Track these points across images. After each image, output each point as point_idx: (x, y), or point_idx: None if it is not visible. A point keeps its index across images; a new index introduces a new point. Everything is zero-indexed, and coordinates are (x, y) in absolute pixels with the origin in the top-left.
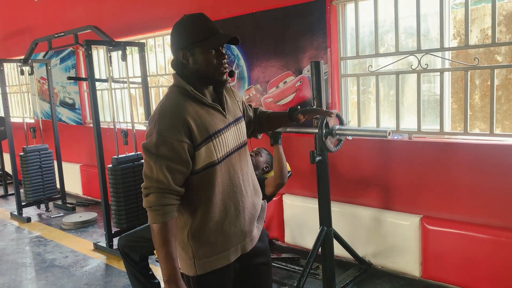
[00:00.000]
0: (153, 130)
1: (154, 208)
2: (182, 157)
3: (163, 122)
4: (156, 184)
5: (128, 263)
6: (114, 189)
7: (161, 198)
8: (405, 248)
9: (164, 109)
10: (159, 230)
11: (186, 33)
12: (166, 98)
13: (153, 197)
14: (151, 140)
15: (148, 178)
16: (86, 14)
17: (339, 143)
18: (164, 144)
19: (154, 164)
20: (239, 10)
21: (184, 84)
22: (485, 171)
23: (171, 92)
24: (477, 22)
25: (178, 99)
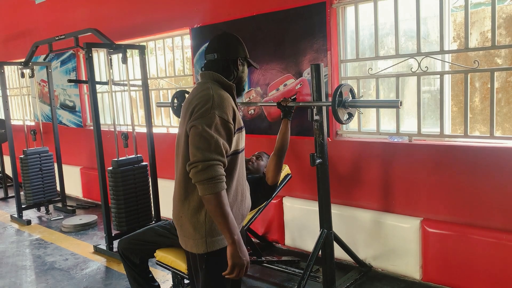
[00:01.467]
0: (210, 111)
1: (216, 178)
2: (231, 138)
3: (220, 106)
4: (216, 156)
5: (128, 266)
6: (114, 191)
7: (220, 169)
8: (405, 251)
9: (219, 95)
10: (219, 199)
11: (243, 48)
12: (213, 89)
13: (214, 169)
14: (211, 119)
15: (206, 151)
16: (87, 17)
17: (349, 117)
18: (222, 125)
19: (214, 139)
20: (240, 12)
21: (226, 81)
22: (486, 174)
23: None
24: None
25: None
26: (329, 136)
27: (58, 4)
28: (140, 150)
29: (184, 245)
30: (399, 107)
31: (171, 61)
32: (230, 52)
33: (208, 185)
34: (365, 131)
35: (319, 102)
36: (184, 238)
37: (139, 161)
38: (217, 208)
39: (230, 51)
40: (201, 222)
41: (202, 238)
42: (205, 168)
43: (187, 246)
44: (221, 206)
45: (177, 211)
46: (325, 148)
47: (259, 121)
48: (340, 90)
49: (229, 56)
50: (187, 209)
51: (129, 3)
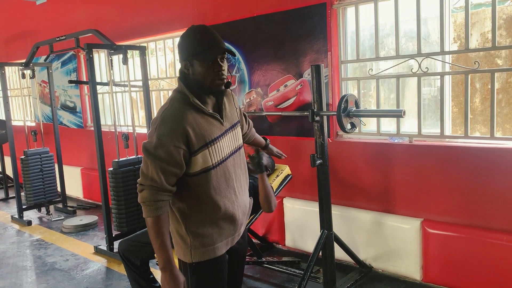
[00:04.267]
0: (154, 133)
1: (147, 203)
2: (177, 161)
3: (164, 128)
4: (150, 182)
5: (128, 268)
6: (114, 192)
7: (153, 194)
8: (406, 252)
9: (166, 115)
10: (153, 223)
11: (187, 45)
12: (169, 104)
13: (146, 193)
14: (151, 141)
15: (143, 175)
16: (87, 18)
17: (352, 127)
18: (161, 147)
19: (150, 163)
20: (240, 13)
21: (187, 92)
22: (486, 175)
23: (174, 99)
24: (477, 26)
25: (180, 107)
26: (330, 137)
27: (59, 5)
28: (141, 150)
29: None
30: (403, 117)
31: (171, 61)
32: (180, 56)
33: (144, 208)
34: (366, 131)
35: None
36: (175, 245)
37: (139, 162)
38: (150, 233)
39: (179, 55)
40: (183, 234)
41: (188, 248)
42: (140, 191)
43: (177, 253)
44: (155, 230)
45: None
46: (325, 149)
47: (260, 122)
48: (346, 98)
49: (180, 61)
50: (172, 220)
51: (129, 4)
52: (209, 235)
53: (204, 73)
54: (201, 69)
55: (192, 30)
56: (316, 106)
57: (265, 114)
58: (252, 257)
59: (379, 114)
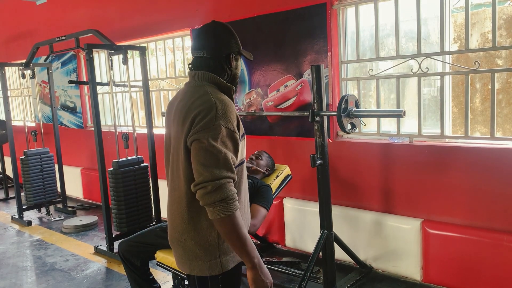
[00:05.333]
0: (215, 122)
1: (229, 198)
2: (237, 148)
3: (225, 115)
4: (226, 174)
5: (128, 268)
6: (115, 192)
7: (232, 187)
8: (406, 252)
9: (222, 102)
10: (237, 218)
11: (235, 40)
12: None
13: (225, 189)
14: (216, 131)
15: (214, 168)
16: (88, 18)
17: (352, 127)
18: (228, 136)
19: (222, 154)
20: (240, 14)
21: (224, 83)
22: (486, 175)
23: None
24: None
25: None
26: (330, 137)
27: (59, 5)
28: (141, 151)
29: (188, 269)
30: (403, 117)
31: (171, 62)
32: (221, 48)
33: (221, 207)
34: (366, 132)
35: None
36: (188, 261)
37: (139, 162)
38: (233, 231)
39: (221, 47)
40: (212, 243)
41: (216, 259)
42: (216, 189)
43: (193, 270)
44: (236, 228)
45: (179, 233)
46: (325, 149)
47: (260, 122)
48: (346, 98)
49: (220, 53)
50: (193, 231)
51: (129, 4)
52: None
53: (240, 69)
54: (240, 65)
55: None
56: (316, 106)
57: (265, 115)
58: None
59: (379, 114)
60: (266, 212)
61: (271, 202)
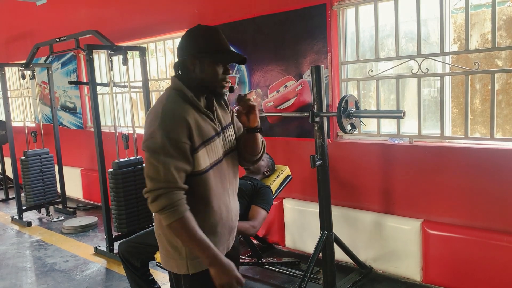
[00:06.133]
0: (157, 132)
1: (168, 208)
2: (187, 157)
3: (168, 124)
4: (165, 185)
5: (128, 269)
6: (114, 193)
7: (171, 196)
8: (406, 253)
9: (167, 110)
10: (182, 225)
11: (200, 42)
12: (166, 100)
13: (164, 199)
14: (156, 141)
15: (154, 180)
16: (88, 19)
17: (352, 128)
18: (171, 145)
19: (161, 164)
20: (240, 14)
21: (185, 90)
22: (486, 176)
23: (170, 95)
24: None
25: (178, 102)
26: (330, 138)
27: (59, 6)
28: (141, 151)
29: (164, 263)
30: (403, 118)
31: (171, 62)
32: (184, 50)
33: (165, 215)
34: (366, 132)
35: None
36: (164, 257)
37: (139, 163)
38: (183, 233)
39: (184, 49)
40: (179, 243)
41: (183, 260)
42: (156, 199)
43: (167, 265)
44: (186, 230)
45: (156, 228)
46: (325, 150)
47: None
48: (346, 99)
49: (184, 56)
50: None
51: (129, 5)
52: None
53: (213, 73)
54: (210, 69)
55: (207, 28)
56: (316, 107)
57: (265, 115)
58: (252, 258)
59: (379, 115)
60: (266, 213)
61: (271, 203)
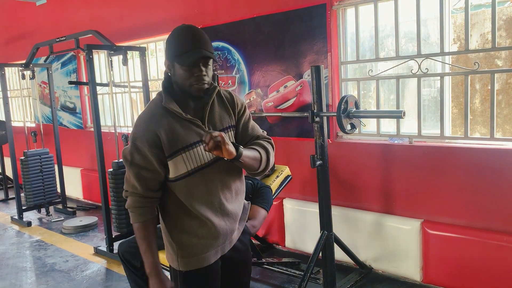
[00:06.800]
0: (132, 138)
1: (131, 209)
2: (153, 165)
3: (137, 131)
4: (132, 189)
5: (128, 269)
6: (114, 193)
7: (136, 201)
8: (406, 253)
9: (140, 118)
10: (138, 229)
11: (171, 46)
12: (147, 106)
13: (130, 200)
14: (127, 148)
15: (126, 182)
16: (87, 19)
17: (352, 128)
18: (137, 152)
19: (129, 170)
20: (240, 14)
21: (164, 96)
22: (486, 176)
23: (153, 102)
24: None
25: (155, 110)
26: (330, 138)
27: (59, 6)
28: None
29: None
30: (403, 118)
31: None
32: (165, 55)
33: (130, 214)
34: (366, 132)
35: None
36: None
37: None
38: (136, 236)
39: (165, 54)
40: (170, 242)
41: (175, 256)
42: (125, 198)
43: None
44: (138, 237)
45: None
46: (325, 150)
47: (259, 123)
48: (345, 99)
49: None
50: (162, 223)
51: (129, 5)
52: (193, 245)
53: (184, 76)
54: (181, 72)
55: (177, 30)
56: (316, 107)
57: (265, 115)
58: (252, 258)
59: (379, 115)
60: (266, 213)
61: (271, 203)
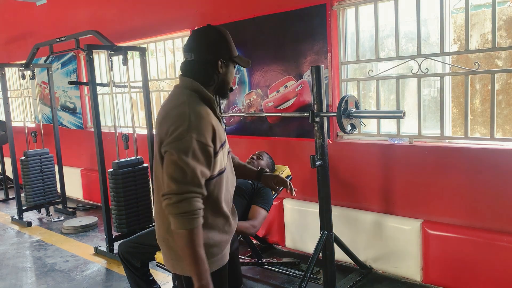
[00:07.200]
0: (186, 135)
1: (191, 213)
2: (210, 162)
3: (198, 128)
4: (192, 189)
5: (128, 269)
6: (114, 193)
7: (195, 203)
8: (406, 253)
9: (195, 113)
10: (193, 235)
11: (226, 45)
12: (188, 101)
13: (188, 203)
14: (187, 145)
15: (181, 183)
16: (88, 19)
17: (352, 128)
18: (200, 149)
19: (190, 168)
20: (240, 14)
21: (205, 92)
22: (486, 176)
23: (190, 96)
24: (477, 27)
25: (201, 104)
26: (330, 138)
27: (59, 6)
28: (141, 151)
29: (172, 267)
30: (403, 118)
31: (171, 62)
32: (209, 52)
33: (181, 219)
34: (366, 132)
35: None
36: (171, 260)
37: (139, 163)
38: (188, 246)
39: (209, 52)
40: None
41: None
42: (179, 202)
43: (176, 269)
44: (192, 245)
45: (163, 232)
46: (325, 150)
47: (260, 123)
48: (346, 99)
49: (208, 58)
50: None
51: (129, 5)
52: (218, 244)
53: (231, 76)
54: (230, 72)
55: (224, 31)
56: (316, 107)
57: (265, 115)
58: (252, 258)
59: (379, 115)
60: (266, 213)
61: (271, 203)
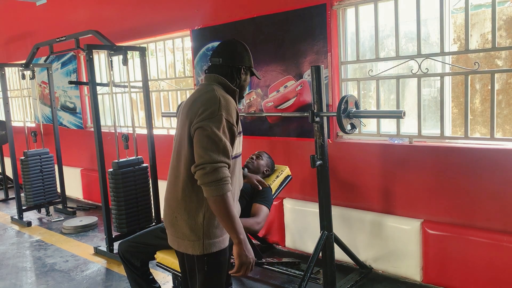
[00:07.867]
0: (218, 113)
1: (224, 180)
2: (234, 142)
3: (227, 109)
4: (223, 159)
5: (129, 269)
6: (114, 193)
7: (226, 172)
8: (406, 253)
9: (225, 97)
10: (228, 198)
11: (248, 57)
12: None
13: (219, 172)
14: (219, 121)
15: (214, 153)
16: (88, 19)
17: (352, 128)
18: (228, 128)
19: (222, 141)
20: (240, 14)
21: (230, 85)
22: (486, 176)
23: (217, 86)
24: (477, 27)
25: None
26: (330, 138)
27: (59, 6)
28: (141, 151)
29: (177, 245)
30: (403, 118)
31: (171, 62)
32: (235, 59)
33: (216, 187)
34: (366, 132)
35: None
36: (177, 239)
37: (139, 163)
38: (224, 209)
39: (236, 59)
40: (198, 224)
41: (199, 240)
42: (213, 170)
43: (180, 247)
44: (227, 207)
45: (172, 211)
46: (325, 150)
47: (260, 123)
48: (346, 99)
49: (234, 63)
50: (183, 210)
51: (129, 4)
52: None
53: (247, 84)
54: (248, 80)
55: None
56: (316, 107)
57: (265, 115)
58: None
59: (379, 115)
60: (268, 210)
61: (271, 202)
